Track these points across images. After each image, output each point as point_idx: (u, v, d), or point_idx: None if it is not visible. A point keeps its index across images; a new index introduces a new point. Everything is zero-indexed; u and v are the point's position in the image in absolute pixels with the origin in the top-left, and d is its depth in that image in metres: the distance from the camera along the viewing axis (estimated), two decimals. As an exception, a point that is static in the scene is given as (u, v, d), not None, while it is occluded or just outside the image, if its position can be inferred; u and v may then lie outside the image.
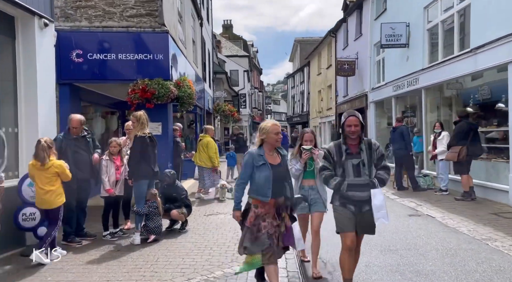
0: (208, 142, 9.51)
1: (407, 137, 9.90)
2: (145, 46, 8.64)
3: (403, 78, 12.32)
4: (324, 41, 24.87)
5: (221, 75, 23.93)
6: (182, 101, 9.03)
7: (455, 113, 10.56)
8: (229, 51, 39.27)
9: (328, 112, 24.53)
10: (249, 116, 38.02)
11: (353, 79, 18.43)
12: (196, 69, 14.78)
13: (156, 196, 5.99)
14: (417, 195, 9.38)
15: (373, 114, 15.70)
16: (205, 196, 9.67)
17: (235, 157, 13.38)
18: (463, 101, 10.25)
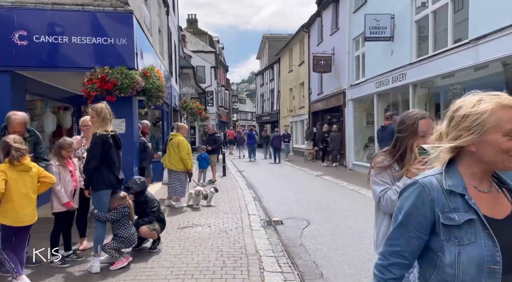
0: (180, 141, 8.32)
1: None
2: (105, 28, 7.32)
3: (387, 74, 11.63)
4: (296, 37, 24.08)
5: (188, 70, 22.58)
6: (149, 94, 7.78)
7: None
8: (195, 47, 37.76)
9: (301, 111, 23.77)
10: (216, 114, 36.73)
11: (329, 76, 17.71)
12: (163, 62, 13.44)
13: (126, 200, 4.78)
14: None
15: (352, 113, 15.00)
16: (176, 204, 8.45)
17: (207, 159, 12.20)
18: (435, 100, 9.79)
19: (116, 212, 4.62)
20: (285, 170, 16.24)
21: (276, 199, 9.53)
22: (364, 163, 14.09)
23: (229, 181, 12.99)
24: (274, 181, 12.85)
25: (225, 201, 9.11)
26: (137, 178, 5.33)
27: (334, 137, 16.51)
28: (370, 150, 14.09)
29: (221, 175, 14.35)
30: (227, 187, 11.44)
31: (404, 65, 10.60)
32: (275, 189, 11.06)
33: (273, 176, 14.41)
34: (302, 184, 12.05)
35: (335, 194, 9.97)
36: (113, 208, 4.64)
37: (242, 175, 14.84)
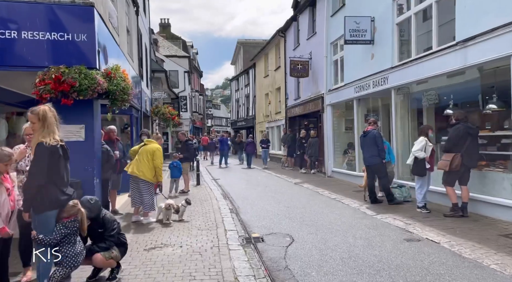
0: (157, 149, 7.60)
1: (380, 143, 8.68)
2: (62, 22, 6.50)
3: (367, 78, 11.21)
4: (271, 42, 23.61)
5: (160, 74, 21.65)
6: (114, 97, 6.97)
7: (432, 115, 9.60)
8: (168, 51, 36.76)
9: (277, 116, 23.24)
10: (190, 120, 35.76)
11: (306, 81, 17.25)
12: (132, 64, 12.57)
13: (78, 208, 3.99)
14: (396, 210, 8.14)
15: (330, 118, 14.54)
16: (144, 219, 7.63)
17: (180, 167, 11.38)
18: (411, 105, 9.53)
19: (63, 227, 3.81)
20: (263, 178, 15.59)
21: (254, 211, 8.85)
22: (343, 170, 13.62)
23: (204, 190, 12.22)
24: (252, 190, 12.16)
25: (199, 215, 8.35)
26: (88, 199, 4.48)
27: (312, 143, 16.02)
28: (349, 157, 13.65)
29: (195, 184, 13.56)
30: (201, 198, 10.67)
31: (386, 69, 10.19)
32: (253, 199, 10.37)
33: (250, 184, 13.72)
34: (282, 193, 11.42)
35: (318, 204, 9.38)
36: (60, 222, 3.83)
37: (217, 184, 14.09)
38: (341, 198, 10.05)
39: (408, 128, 10.09)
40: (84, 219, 4.04)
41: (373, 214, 7.93)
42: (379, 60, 10.71)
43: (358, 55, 12.03)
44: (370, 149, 8.84)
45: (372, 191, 8.91)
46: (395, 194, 8.85)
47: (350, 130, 14.11)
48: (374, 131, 8.84)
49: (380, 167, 8.74)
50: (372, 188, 8.93)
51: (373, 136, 8.76)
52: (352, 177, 12.62)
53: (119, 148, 8.35)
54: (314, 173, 16.15)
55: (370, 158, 8.87)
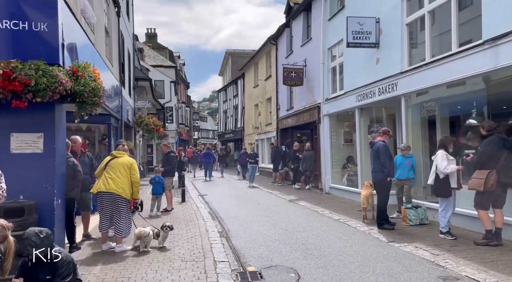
0: (134, 162, 6.50)
1: (382, 156, 7.56)
2: (14, 7, 5.30)
3: (372, 85, 10.20)
4: (262, 50, 22.65)
5: (144, 83, 20.40)
6: (81, 99, 5.72)
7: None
8: (154, 61, 35.55)
9: (268, 128, 22.13)
10: (176, 132, 34.39)
11: (301, 90, 16.22)
12: (112, 68, 11.34)
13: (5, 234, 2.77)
14: (415, 236, 7.02)
15: (328, 129, 13.48)
16: (117, 247, 6.33)
17: (162, 183, 10.10)
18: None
19: None
20: (253, 194, 14.36)
21: (248, 234, 7.62)
22: (343, 186, 12.50)
23: (189, 209, 10.94)
24: (242, 209, 10.93)
25: (184, 240, 7.09)
26: (37, 232, 3.23)
27: (307, 157, 14.90)
28: (349, 172, 12.56)
29: (180, 201, 12.27)
30: (186, 218, 9.40)
31: (394, 74, 9.19)
32: (245, 220, 9.14)
33: (241, 201, 12.48)
34: (276, 212, 10.21)
35: (320, 226, 8.19)
36: None
37: (205, 201, 12.81)
38: (345, 219, 8.89)
39: (421, 140, 9.07)
40: (10, 252, 2.80)
41: (388, 240, 6.78)
42: (385, 65, 9.72)
43: (360, 60, 11.05)
44: (374, 163, 7.76)
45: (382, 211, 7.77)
46: (409, 216, 7.74)
47: (350, 142, 13.06)
48: (379, 142, 7.75)
49: (381, 184, 7.65)
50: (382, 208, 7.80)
51: (376, 148, 7.69)
52: (354, 195, 11.50)
53: (83, 162, 7.04)
54: (309, 189, 14.99)
55: (374, 173, 7.81)
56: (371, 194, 8.37)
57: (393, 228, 7.50)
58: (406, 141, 8.94)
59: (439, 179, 6.50)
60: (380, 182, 7.66)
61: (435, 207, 8.00)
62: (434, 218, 8.01)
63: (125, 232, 6.32)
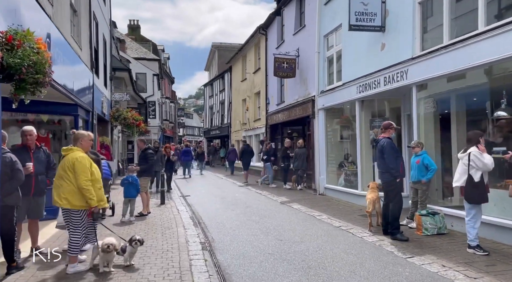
0: (77, 160, 4.91)
1: (388, 155, 6.42)
2: None
3: (376, 74, 9.05)
4: (250, 41, 21.35)
5: (122, 73, 18.89)
6: (19, 76, 4.36)
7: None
8: (136, 53, 33.87)
9: (256, 124, 20.86)
10: (159, 128, 32.83)
11: (293, 82, 15.01)
12: (79, 52, 9.92)
13: None
14: (435, 249, 5.87)
15: (323, 125, 12.29)
16: (69, 267, 4.99)
17: (136, 184, 8.76)
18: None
19: None
20: (241, 195, 13.11)
21: (236, 246, 6.37)
22: (340, 187, 11.33)
23: (168, 212, 9.64)
24: (229, 212, 9.67)
25: (158, 254, 5.80)
26: None
27: (299, 154, 13.71)
28: (346, 171, 11.40)
29: (158, 204, 10.96)
30: (164, 224, 8.10)
31: (404, 61, 8.04)
32: (232, 226, 7.89)
33: (227, 203, 11.22)
34: (268, 217, 8.99)
35: (320, 236, 6.99)
36: None
37: (187, 203, 11.52)
38: (347, 226, 7.71)
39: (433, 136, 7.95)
40: None
41: (406, 256, 5.61)
42: (392, 51, 8.56)
43: (361, 47, 9.88)
44: (380, 163, 6.66)
45: (393, 218, 6.60)
46: (425, 224, 6.60)
47: (347, 139, 11.92)
48: (384, 140, 6.60)
49: (389, 186, 6.54)
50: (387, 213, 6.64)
51: (380, 147, 6.55)
52: (353, 197, 10.35)
53: (37, 159, 5.67)
54: (302, 189, 13.80)
55: (381, 174, 6.71)
56: (378, 198, 7.22)
57: (407, 240, 6.35)
58: (418, 137, 7.79)
59: (473, 182, 5.37)
60: (389, 185, 6.55)
61: (452, 213, 6.91)
62: (452, 226, 6.90)
63: (74, 250, 4.95)
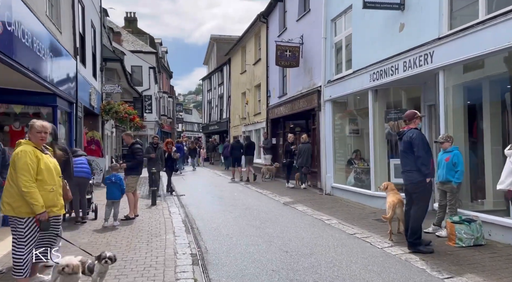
0: (16, 155, 3.83)
1: (418, 149, 5.33)
2: None
3: (393, 59, 7.95)
4: (250, 31, 20.20)
5: (114, 64, 17.76)
6: None
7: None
8: (132, 46, 32.71)
9: (256, 118, 19.76)
10: (156, 123, 31.72)
11: (296, 73, 13.91)
12: (57, 35, 8.82)
13: None
14: (477, 266, 4.81)
15: (330, 117, 11.20)
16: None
17: (121, 184, 7.70)
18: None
19: None
20: (240, 194, 12.05)
21: (234, 260, 5.31)
22: (349, 187, 10.26)
23: (159, 215, 8.59)
24: (227, 215, 8.62)
25: (137, 271, 4.76)
26: None
27: (303, 150, 12.63)
28: (356, 169, 10.34)
29: (149, 205, 9.92)
30: (151, 230, 7.06)
31: (429, 42, 6.94)
32: (230, 234, 6.83)
33: (225, 204, 10.17)
34: (270, 221, 7.93)
35: (332, 246, 5.93)
36: None
37: (181, 203, 10.47)
38: (363, 234, 6.65)
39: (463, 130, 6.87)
40: None
41: (441, 275, 4.55)
42: (414, 31, 7.46)
43: (375, 30, 8.79)
44: (405, 160, 5.55)
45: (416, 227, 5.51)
46: (460, 234, 5.53)
47: (356, 134, 10.84)
48: (412, 131, 5.48)
49: (417, 188, 5.43)
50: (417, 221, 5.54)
51: (408, 139, 5.44)
52: (364, 197, 9.30)
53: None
54: (306, 188, 12.74)
55: (406, 173, 5.57)
56: (401, 202, 6.14)
57: (432, 252, 5.28)
58: (445, 130, 6.71)
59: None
60: (417, 186, 5.43)
61: (489, 220, 5.83)
62: (490, 235, 5.83)
63: (18, 271, 3.85)
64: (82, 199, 7.86)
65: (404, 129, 5.61)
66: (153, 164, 10.98)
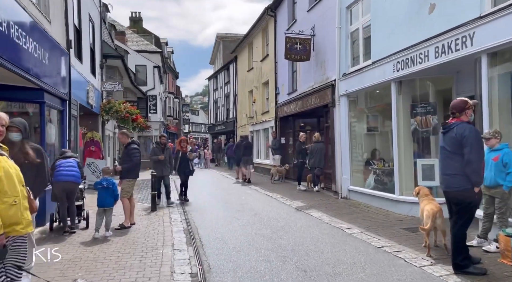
0: None
1: (472, 149, 4.25)
2: None
3: (422, 45, 6.97)
4: (257, 26, 19.28)
5: (115, 62, 16.95)
6: None
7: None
8: (137, 46, 31.95)
9: (264, 117, 18.82)
10: (161, 124, 30.91)
11: (307, 67, 12.96)
12: (46, 25, 7.97)
13: None
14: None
15: (346, 114, 10.23)
16: None
17: (114, 189, 6.82)
18: None
19: None
20: (248, 198, 11.12)
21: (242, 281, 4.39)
22: (368, 190, 9.28)
23: (158, 223, 7.71)
24: (233, 222, 7.70)
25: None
26: None
27: (315, 150, 11.67)
28: (376, 170, 9.35)
29: (149, 211, 9.07)
30: (147, 242, 6.17)
31: (468, 22, 5.95)
32: (237, 246, 5.90)
33: (231, 209, 9.25)
34: (282, 230, 6.99)
35: (358, 263, 4.97)
36: None
37: (183, 209, 9.58)
38: (392, 247, 5.68)
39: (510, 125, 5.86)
40: None
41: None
42: (447, 12, 6.48)
43: (399, 14, 7.82)
44: (448, 161, 4.45)
45: (461, 240, 4.51)
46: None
47: (375, 131, 9.87)
48: (463, 125, 4.42)
49: (464, 196, 4.38)
50: (462, 234, 4.54)
51: (457, 136, 4.38)
52: (387, 202, 8.31)
53: None
54: (319, 191, 11.77)
55: (448, 177, 4.47)
56: (441, 211, 5.16)
57: (484, 273, 4.30)
58: (489, 126, 5.71)
59: None
60: (462, 193, 4.38)
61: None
62: (551, 251, 4.82)
63: None
64: (71, 206, 7.00)
65: (451, 122, 4.52)
66: (162, 167, 9.88)
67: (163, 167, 9.94)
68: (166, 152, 10.13)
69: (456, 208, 4.49)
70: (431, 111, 7.54)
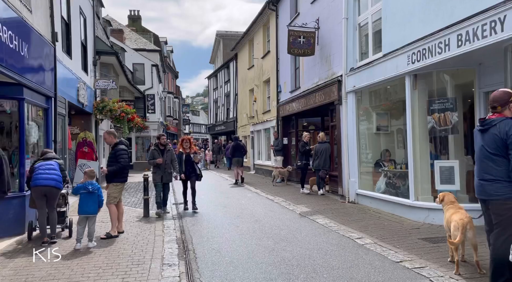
0: None
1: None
2: None
3: (442, 33, 6.24)
4: (258, 21, 18.56)
5: (110, 58, 16.24)
6: None
7: None
8: (135, 44, 31.26)
9: (265, 116, 18.09)
10: (159, 124, 30.19)
11: (311, 62, 12.24)
12: (26, 14, 7.27)
13: None
14: None
15: (354, 112, 9.50)
16: None
17: (99, 193, 6.12)
18: None
19: None
20: (248, 202, 10.41)
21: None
22: (379, 194, 8.55)
23: (149, 232, 7.00)
24: (232, 231, 6.98)
25: None
26: None
27: (320, 151, 10.95)
28: (388, 173, 8.62)
29: (140, 217, 8.37)
30: (134, 255, 5.44)
31: (497, 5, 5.22)
32: (235, 260, 5.17)
33: (229, 215, 8.52)
34: (286, 240, 6.27)
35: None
36: None
37: (178, 214, 8.87)
38: (413, 261, 4.94)
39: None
40: None
41: None
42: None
43: (414, 0, 7.09)
44: (488, 163, 3.69)
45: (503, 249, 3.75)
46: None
47: (385, 130, 9.15)
48: (507, 122, 3.64)
49: (506, 208, 3.62)
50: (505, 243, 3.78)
51: (501, 134, 3.60)
52: (400, 208, 7.58)
53: None
54: (324, 194, 11.04)
55: (487, 183, 3.73)
56: (471, 221, 4.42)
57: None
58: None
59: None
60: (505, 204, 3.63)
61: None
62: None
63: None
64: (51, 213, 6.30)
65: (491, 117, 3.77)
66: (162, 172, 8.64)
67: (164, 172, 8.67)
68: (167, 155, 8.77)
69: (498, 219, 3.75)
70: (450, 108, 6.81)
